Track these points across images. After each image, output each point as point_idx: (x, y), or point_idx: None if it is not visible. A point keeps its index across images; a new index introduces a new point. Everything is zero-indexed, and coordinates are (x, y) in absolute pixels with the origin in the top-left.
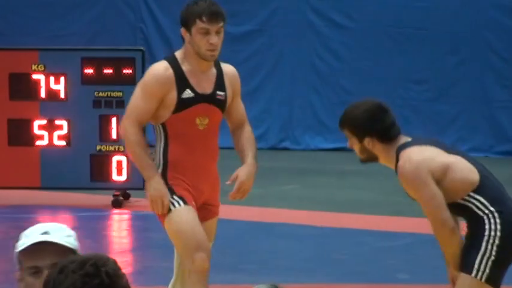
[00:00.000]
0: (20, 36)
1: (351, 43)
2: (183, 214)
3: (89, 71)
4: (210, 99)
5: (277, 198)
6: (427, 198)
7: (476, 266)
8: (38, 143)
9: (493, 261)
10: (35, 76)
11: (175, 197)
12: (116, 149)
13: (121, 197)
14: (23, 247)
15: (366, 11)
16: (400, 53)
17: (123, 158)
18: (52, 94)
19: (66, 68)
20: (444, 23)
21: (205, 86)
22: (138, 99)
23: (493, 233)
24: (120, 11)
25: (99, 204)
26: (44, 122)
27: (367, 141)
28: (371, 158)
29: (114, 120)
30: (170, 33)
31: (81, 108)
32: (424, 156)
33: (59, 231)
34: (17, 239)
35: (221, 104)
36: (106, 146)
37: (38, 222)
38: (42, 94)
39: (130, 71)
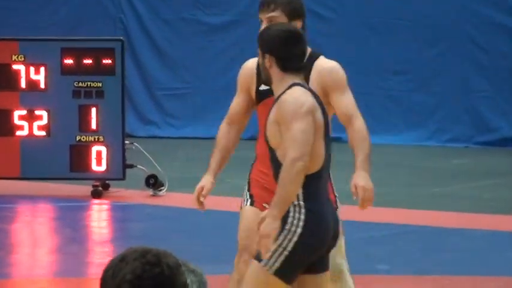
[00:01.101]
0: None
1: (332, 34)
2: (243, 214)
3: (69, 61)
4: None
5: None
6: (297, 132)
7: (268, 255)
8: (18, 133)
9: (286, 256)
10: (14, 66)
11: (246, 193)
12: (96, 139)
13: (100, 188)
14: None
15: (347, 2)
16: (381, 44)
17: (103, 148)
18: (32, 84)
19: (46, 59)
20: (424, 14)
21: None
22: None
23: (293, 228)
24: (99, 1)
25: (79, 195)
26: (24, 112)
27: (268, 59)
28: (268, 78)
29: (93, 110)
30: (150, 24)
31: (61, 99)
32: (312, 102)
33: None
34: None
35: None
36: (86, 136)
37: (17, 212)
38: (22, 84)
39: (110, 61)
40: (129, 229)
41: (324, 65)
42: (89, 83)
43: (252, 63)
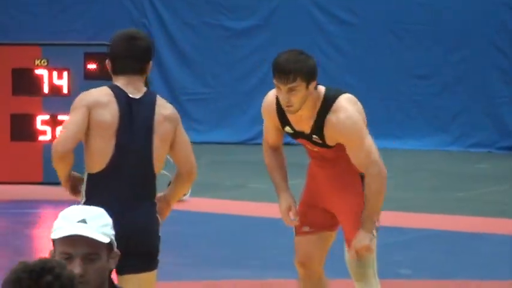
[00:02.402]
0: (23, 32)
1: (355, 39)
2: (296, 246)
3: (92, 66)
4: (308, 138)
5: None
6: (68, 122)
7: None
8: (41, 138)
9: None
10: (37, 71)
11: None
12: None
13: None
14: (57, 236)
15: (369, 7)
16: (404, 49)
17: None
18: (55, 89)
19: (69, 63)
20: (447, 19)
21: (304, 127)
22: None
23: None
24: (123, 6)
25: None
26: (46, 117)
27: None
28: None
29: None
30: (173, 29)
31: None
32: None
33: (96, 219)
34: (18, 234)
35: (322, 144)
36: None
37: (40, 217)
38: (45, 89)
39: None
40: None
41: (332, 120)
42: None
43: (269, 99)
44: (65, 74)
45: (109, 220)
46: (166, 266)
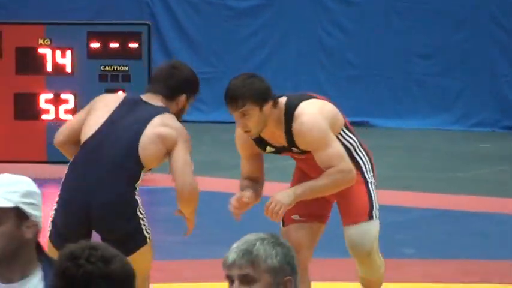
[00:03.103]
0: (26, 11)
1: (358, 18)
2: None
3: (95, 45)
4: (289, 150)
5: (283, 173)
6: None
7: None
8: (44, 117)
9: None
10: (41, 50)
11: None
12: None
13: None
14: None
15: None
16: (406, 28)
17: None
18: (58, 68)
19: (72, 42)
20: None
21: (281, 141)
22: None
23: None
24: None
25: None
26: (50, 96)
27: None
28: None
29: (120, 94)
30: (177, 9)
31: (87, 82)
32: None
33: (5, 186)
34: None
35: (304, 152)
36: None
37: (44, 196)
38: (49, 68)
39: (137, 45)
40: (155, 212)
41: (296, 127)
42: (115, 67)
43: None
44: (68, 53)
45: (24, 188)
46: (173, 245)
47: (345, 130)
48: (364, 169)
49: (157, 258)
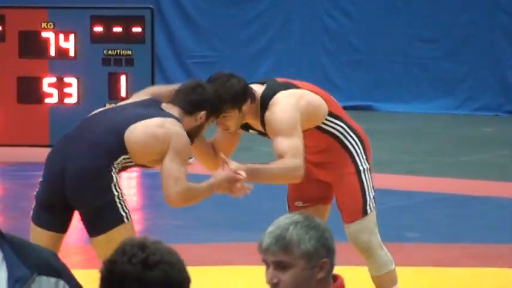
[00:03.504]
0: None
1: (361, 2)
2: None
3: (99, 29)
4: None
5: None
6: None
7: None
8: (47, 100)
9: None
10: (44, 34)
11: None
12: None
13: None
14: None
15: None
16: (410, 12)
17: None
18: (61, 52)
19: (75, 26)
20: None
21: (260, 128)
22: None
23: None
24: None
25: None
26: (53, 79)
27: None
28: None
29: (123, 78)
30: None
31: (91, 66)
32: None
33: None
34: (25, 196)
35: None
36: (115, 103)
37: None
38: (52, 52)
39: (140, 29)
40: (158, 196)
41: (268, 116)
42: (118, 51)
43: None
44: (72, 36)
45: None
46: (171, 228)
47: (330, 118)
48: (355, 156)
49: None
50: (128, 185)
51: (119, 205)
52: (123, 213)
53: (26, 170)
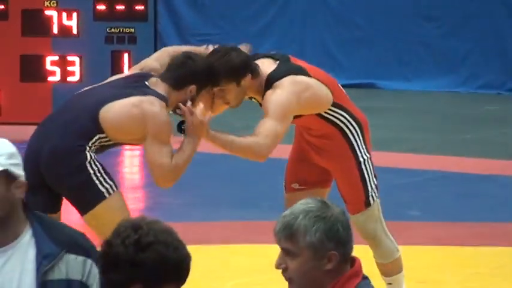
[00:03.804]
0: None
1: None
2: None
3: (101, 7)
4: None
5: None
6: None
7: None
8: (50, 78)
9: None
10: (47, 12)
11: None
12: None
13: None
14: None
15: None
16: None
17: None
18: (64, 30)
19: (78, 4)
20: None
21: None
22: None
23: None
24: None
25: None
26: (56, 58)
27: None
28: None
29: (126, 56)
30: None
31: (94, 44)
32: None
33: None
34: None
35: None
36: None
37: None
38: (55, 30)
39: (143, 7)
40: None
41: (268, 93)
42: (121, 29)
43: None
44: (75, 14)
45: (8, 150)
46: (173, 207)
47: (333, 108)
48: (356, 147)
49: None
50: (130, 163)
51: (97, 181)
52: (103, 189)
53: None
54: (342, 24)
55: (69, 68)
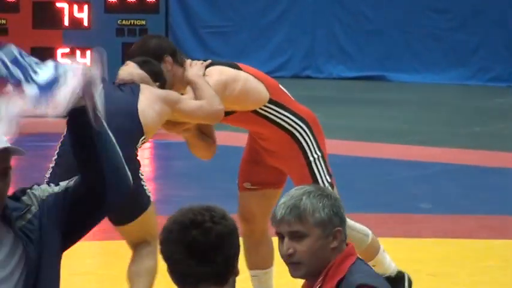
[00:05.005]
0: None
1: None
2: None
3: None
4: None
5: None
6: None
7: None
8: None
9: None
10: (58, 4)
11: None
12: None
13: None
14: None
15: None
16: None
17: None
18: (75, 22)
19: None
20: None
21: None
22: None
23: None
24: None
25: None
26: (67, 50)
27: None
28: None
29: None
30: None
31: (105, 37)
32: None
33: None
34: (38, 167)
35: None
36: None
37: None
38: (66, 22)
39: None
40: (172, 167)
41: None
42: (132, 21)
43: None
44: (86, 7)
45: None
46: (183, 199)
47: (271, 105)
48: (305, 146)
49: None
50: (141, 155)
51: (146, 187)
52: (149, 193)
53: (38, 141)
54: (353, 17)
55: (80, 60)
